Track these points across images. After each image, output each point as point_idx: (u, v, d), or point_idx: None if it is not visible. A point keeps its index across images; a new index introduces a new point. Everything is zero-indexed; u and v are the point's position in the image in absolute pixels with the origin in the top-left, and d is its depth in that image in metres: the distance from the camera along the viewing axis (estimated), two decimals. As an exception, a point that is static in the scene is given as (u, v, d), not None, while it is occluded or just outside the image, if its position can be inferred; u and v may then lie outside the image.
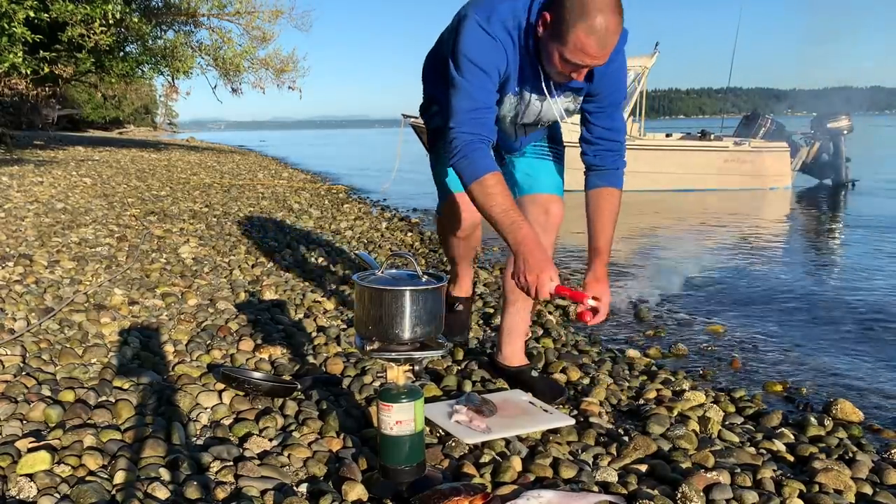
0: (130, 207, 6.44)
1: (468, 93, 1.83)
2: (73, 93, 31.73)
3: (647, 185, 12.71)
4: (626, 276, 5.03)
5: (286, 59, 17.80)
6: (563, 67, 1.79)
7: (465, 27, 1.83)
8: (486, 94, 1.85)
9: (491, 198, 1.82)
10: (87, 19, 11.53)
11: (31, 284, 3.31)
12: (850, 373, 2.90)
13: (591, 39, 1.69)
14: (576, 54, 1.73)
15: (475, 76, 1.82)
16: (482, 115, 1.84)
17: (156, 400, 2.09)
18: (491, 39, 1.82)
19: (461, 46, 1.83)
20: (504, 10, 1.84)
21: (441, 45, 2.10)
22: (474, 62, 1.82)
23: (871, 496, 1.71)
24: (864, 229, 7.95)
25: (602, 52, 1.72)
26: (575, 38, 1.70)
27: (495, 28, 1.82)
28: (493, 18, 1.82)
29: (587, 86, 1.97)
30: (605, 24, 1.68)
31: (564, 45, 1.73)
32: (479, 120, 1.84)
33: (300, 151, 29.18)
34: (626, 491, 1.67)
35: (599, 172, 2.14)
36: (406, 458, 1.57)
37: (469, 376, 2.42)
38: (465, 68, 1.82)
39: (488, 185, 1.82)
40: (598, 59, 1.74)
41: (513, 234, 1.82)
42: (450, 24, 2.04)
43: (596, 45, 1.70)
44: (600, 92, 2.01)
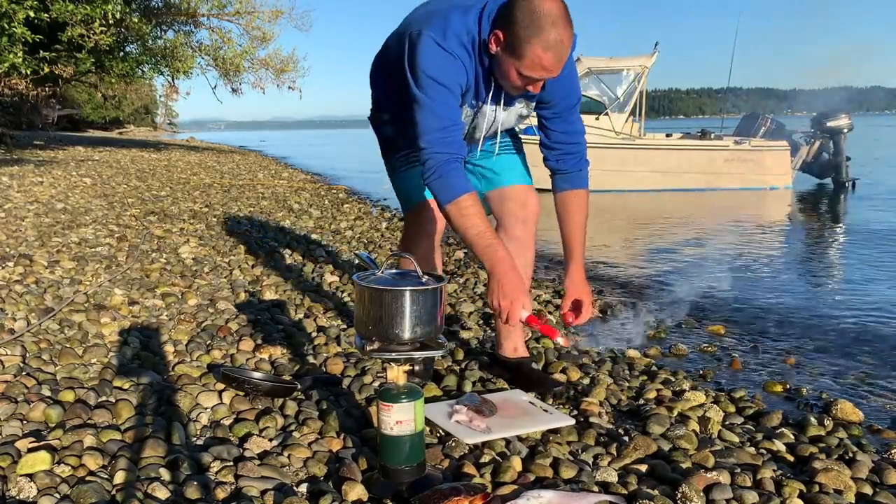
0: (130, 207, 6.44)
1: (434, 111, 1.84)
2: (73, 93, 31.73)
3: (647, 184, 12.72)
4: (627, 276, 5.04)
5: (286, 59, 17.83)
6: (520, 81, 1.82)
7: (422, 45, 1.83)
8: (451, 111, 1.87)
9: (467, 219, 1.84)
10: (87, 19, 11.54)
11: (31, 284, 3.31)
12: (850, 373, 2.90)
13: (548, 54, 1.73)
14: (533, 69, 1.77)
15: (438, 93, 1.83)
16: (450, 133, 1.86)
17: (156, 400, 2.09)
18: (449, 56, 1.84)
19: (421, 64, 1.83)
20: (457, 26, 1.85)
21: (388, 51, 2.11)
22: (436, 80, 1.83)
23: (871, 496, 1.71)
24: (864, 229, 7.95)
25: (558, 65, 1.77)
26: (531, 54, 1.74)
27: (451, 44, 1.83)
28: (448, 34, 1.84)
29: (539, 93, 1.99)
30: (559, 38, 1.72)
31: (520, 61, 1.77)
32: (448, 138, 1.85)
33: (300, 151, 29.17)
34: (626, 491, 1.67)
35: (563, 176, 2.16)
36: (406, 458, 1.57)
37: (469, 376, 2.42)
38: (428, 86, 1.83)
39: (464, 207, 1.83)
40: (554, 71, 1.78)
41: (488, 257, 1.84)
42: (396, 34, 2.05)
43: (552, 59, 1.74)
44: (553, 98, 2.06)
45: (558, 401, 2.27)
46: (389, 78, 2.07)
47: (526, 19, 1.72)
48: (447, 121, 1.85)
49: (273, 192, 9.03)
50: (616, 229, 8.29)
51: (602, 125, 12.75)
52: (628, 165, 12.73)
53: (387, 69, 2.11)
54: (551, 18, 1.71)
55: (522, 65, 1.77)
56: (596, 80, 13.12)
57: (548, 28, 1.71)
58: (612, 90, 13.06)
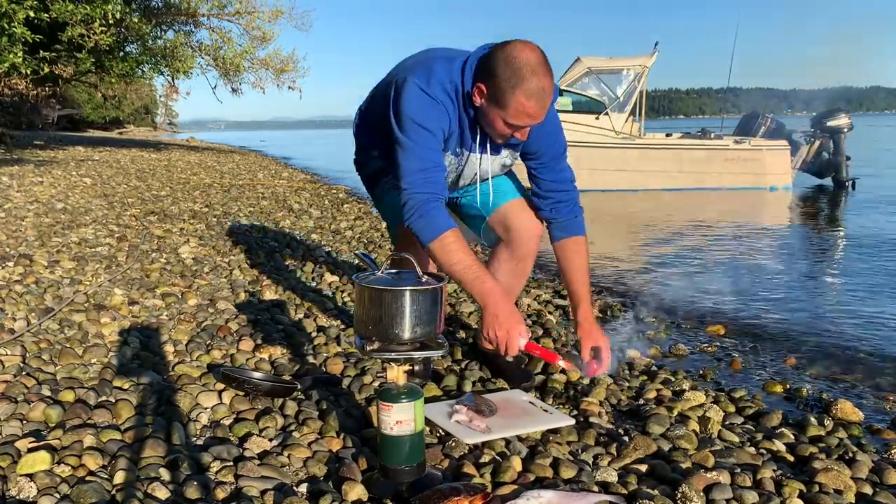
0: (130, 207, 6.44)
1: (416, 154, 1.89)
2: (73, 93, 31.73)
3: (647, 184, 12.72)
4: (627, 276, 5.03)
5: (286, 59, 17.82)
6: (507, 129, 1.89)
7: (406, 91, 1.91)
8: (433, 154, 1.92)
9: (452, 254, 1.88)
10: (87, 19, 11.54)
11: (31, 284, 3.31)
12: (850, 373, 2.90)
13: (532, 102, 1.81)
14: (519, 118, 1.85)
15: (421, 136, 1.89)
16: (432, 175, 1.91)
17: (156, 400, 2.09)
18: (433, 101, 1.91)
19: (404, 109, 1.90)
20: (441, 73, 1.93)
21: (374, 100, 2.17)
22: (419, 123, 1.89)
23: (871, 496, 1.71)
24: (864, 229, 7.95)
25: (542, 111, 1.85)
26: (516, 104, 1.81)
27: (435, 90, 1.91)
28: (432, 81, 1.91)
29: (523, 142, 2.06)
30: (540, 86, 1.80)
31: (506, 111, 1.84)
32: (429, 179, 1.89)
33: (300, 151, 29.18)
34: (626, 491, 1.66)
35: (559, 224, 2.21)
36: (406, 458, 1.57)
37: (469, 376, 2.42)
38: (411, 129, 1.89)
39: (447, 243, 1.87)
40: (539, 117, 1.86)
41: (478, 288, 1.89)
42: (383, 84, 2.11)
43: (536, 106, 1.82)
44: (539, 148, 2.13)
45: (558, 401, 2.27)
46: (374, 129, 2.14)
47: (507, 71, 1.80)
48: (428, 162, 1.90)
49: (273, 192, 9.03)
50: (616, 229, 8.29)
51: (602, 125, 12.75)
52: (628, 165, 12.74)
53: (371, 119, 2.17)
54: (531, 67, 1.79)
55: (508, 114, 1.85)
56: (596, 79, 13.13)
57: (529, 77, 1.79)
58: (612, 90, 13.07)
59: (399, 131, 1.91)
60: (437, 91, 1.91)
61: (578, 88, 13.15)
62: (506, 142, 2.02)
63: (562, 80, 13.17)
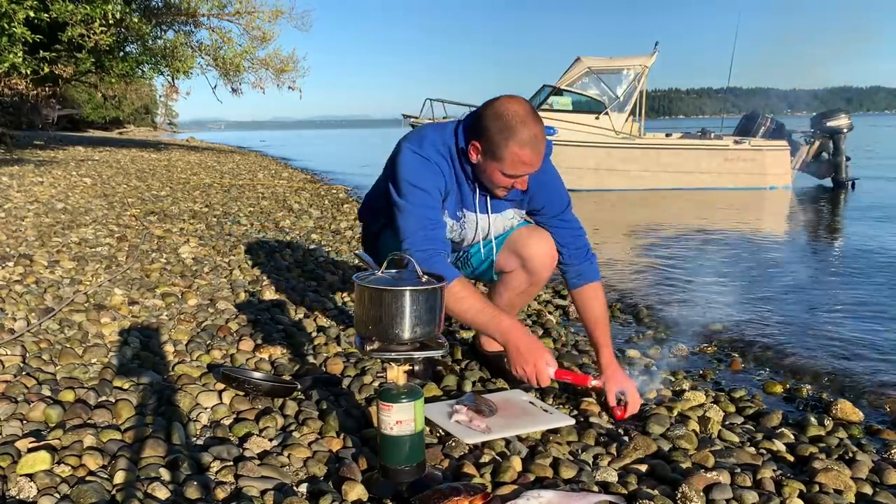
0: (130, 207, 6.44)
1: (414, 214, 1.96)
2: (73, 93, 31.74)
3: (647, 184, 12.72)
4: (626, 276, 5.03)
5: (286, 59, 17.81)
6: (505, 181, 1.97)
7: (401, 156, 2.02)
8: (432, 212, 1.99)
9: (462, 302, 1.95)
10: (87, 19, 11.54)
11: (31, 284, 3.31)
12: (850, 373, 2.90)
13: (525, 150, 1.89)
14: (516, 167, 1.92)
15: (417, 197, 1.97)
16: (432, 231, 1.97)
17: (156, 400, 2.09)
18: (426, 161, 2.00)
19: (400, 173, 1.99)
20: (434, 137, 2.04)
21: (376, 182, 2.32)
22: (414, 184, 1.97)
23: (871, 496, 1.71)
24: (864, 230, 7.95)
25: (538, 158, 1.93)
26: (510, 154, 1.90)
27: (428, 151, 2.01)
28: (424, 144, 2.02)
29: (526, 198, 2.16)
30: (532, 134, 1.89)
31: (502, 163, 1.92)
32: (429, 235, 1.96)
33: (300, 151, 29.18)
34: (626, 491, 1.66)
35: (575, 272, 2.25)
36: (406, 458, 1.57)
37: (469, 376, 2.42)
38: (407, 191, 1.97)
39: (456, 292, 1.93)
40: (535, 165, 1.94)
41: (496, 327, 1.96)
42: (384, 169, 2.20)
43: (530, 154, 1.91)
44: (543, 205, 2.21)
45: (558, 401, 2.27)
46: (376, 204, 2.26)
47: (497, 125, 1.89)
48: (427, 221, 1.97)
49: (273, 192, 9.03)
50: (616, 229, 8.29)
51: (602, 125, 12.76)
52: (629, 165, 12.74)
53: (375, 194, 2.30)
54: (520, 118, 1.88)
55: (504, 166, 1.93)
56: (596, 79, 13.13)
57: (519, 127, 1.88)
58: (612, 90, 13.07)
59: (396, 195, 1.99)
60: (431, 152, 2.01)
61: (578, 88, 13.16)
62: (506, 194, 2.07)
63: (562, 80, 13.18)
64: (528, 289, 2.35)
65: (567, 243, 2.24)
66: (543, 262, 2.25)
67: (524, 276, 2.30)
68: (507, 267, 2.31)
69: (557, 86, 13.11)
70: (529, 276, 2.29)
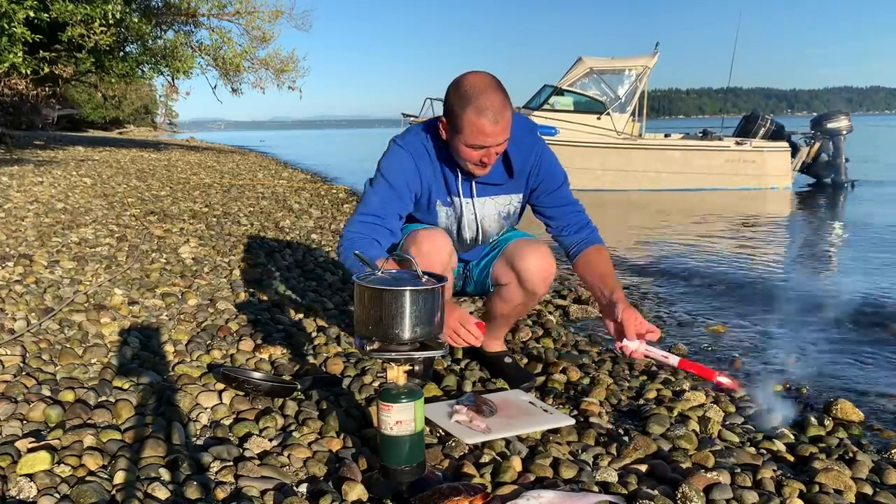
0: (130, 207, 6.43)
1: (368, 201, 2.05)
2: (73, 93, 31.71)
3: (648, 184, 12.73)
4: (627, 276, 5.03)
5: (286, 59, 17.82)
6: (471, 154, 1.96)
7: (387, 147, 2.12)
8: (383, 204, 2.03)
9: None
10: (87, 19, 11.53)
11: (31, 284, 3.31)
12: (850, 373, 2.89)
13: (482, 118, 1.88)
14: (475, 136, 1.91)
15: (380, 187, 2.05)
16: (373, 221, 2.01)
17: (156, 400, 2.09)
18: (401, 150, 2.08)
19: (379, 161, 2.10)
20: (417, 128, 2.14)
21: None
22: (384, 174, 2.06)
23: (871, 496, 1.71)
24: (864, 230, 7.95)
25: (496, 127, 1.90)
26: (468, 123, 1.89)
27: (408, 140, 2.10)
28: (407, 136, 2.12)
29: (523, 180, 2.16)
30: (489, 102, 1.87)
31: (462, 133, 1.92)
32: (367, 223, 2.01)
33: (300, 151, 29.19)
34: (626, 491, 1.66)
35: (577, 239, 2.22)
36: (406, 458, 1.57)
37: (469, 376, 2.42)
38: (376, 179, 2.08)
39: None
40: (495, 134, 1.91)
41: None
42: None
43: (488, 122, 1.88)
44: (540, 181, 2.18)
45: (558, 401, 2.27)
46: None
47: (457, 97, 1.92)
48: (374, 210, 2.02)
49: (273, 192, 9.03)
50: (616, 229, 8.28)
51: (603, 125, 12.76)
52: (630, 165, 12.75)
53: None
54: (478, 88, 1.88)
55: (465, 136, 1.93)
56: (597, 80, 13.14)
57: (477, 96, 1.87)
58: (614, 90, 13.08)
59: (369, 180, 2.11)
60: (410, 140, 2.09)
61: (580, 88, 13.17)
62: (482, 173, 2.06)
63: (563, 80, 13.18)
64: (524, 301, 2.31)
65: (569, 221, 2.21)
66: (539, 276, 2.20)
67: (519, 291, 2.26)
68: (503, 279, 2.28)
69: (559, 86, 13.12)
70: (524, 291, 2.25)
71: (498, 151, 1.99)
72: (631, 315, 1.92)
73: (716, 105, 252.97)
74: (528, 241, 2.27)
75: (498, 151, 1.99)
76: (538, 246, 2.24)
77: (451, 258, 2.25)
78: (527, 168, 2.17)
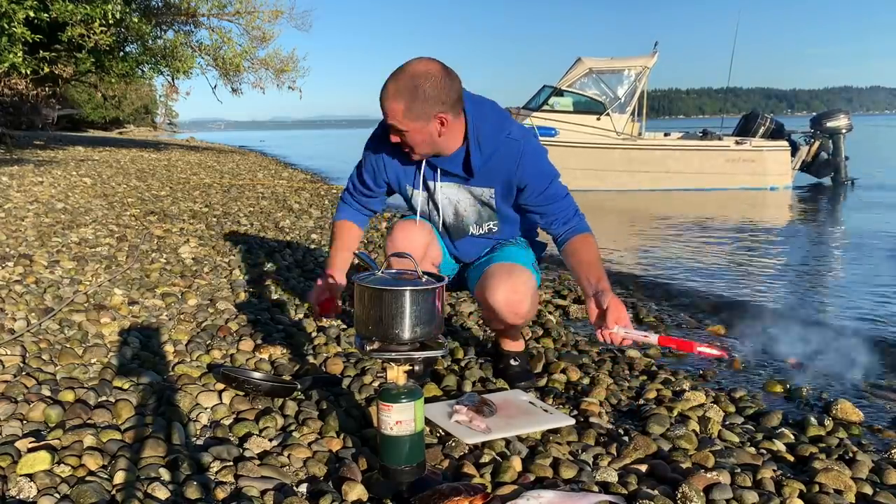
0: (130, 207, 6.43)
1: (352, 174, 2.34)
2: (73, 93, 31.70)
3: (648, 184, 12.73)
4: (626, 276, 5.03)
5: (286, 59, 17.82)
6: (394, 136, 2.02)
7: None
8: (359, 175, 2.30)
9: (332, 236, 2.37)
10: (87, 19, 11.52)
11: (31, 284, 3.31)
12: (850, 373, 2.89)
13: (381, 98, 1.95)
14: (384, 115, 1.98)
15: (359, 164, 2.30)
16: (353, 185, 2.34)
17: (156, 400, 2.09)
18: (371, 141, 2.24)
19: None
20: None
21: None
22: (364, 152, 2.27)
23: (871, 496, 1.71)
24: (863, 230, 7.95)
25: (387, 109, 1.95)
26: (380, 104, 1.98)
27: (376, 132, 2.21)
28: (378, 127, 2.20)
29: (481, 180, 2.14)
30: (388, 83, 1.94)
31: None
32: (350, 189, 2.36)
33: (300, 151, 29.18)
34: (626, 491, 1.66)
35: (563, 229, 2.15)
36: (406, 458, 1.57)
37: (469, 376, 2.42)
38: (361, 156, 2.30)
39: (335, 227, 2.37)
40: (390, 116, 1.96)
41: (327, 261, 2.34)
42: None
43: (384, 104, 1.95)
44: (526, 183, 2.12)
45: (558, 401, 2.27)
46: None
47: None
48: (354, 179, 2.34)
49: (273, 192, 9.03)
50: (616, 229, 8.28)
51: (603, 125, 12.77)
52: (630, 165, 12.75)
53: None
54: (392, 73, 1.94)
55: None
56: (596, 80, 13.14)
57: (386, 81, 1.95)
58: (613, 90, 13.08)
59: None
60: (378, 131, 2.20)
61: (579, 89, 13.17)
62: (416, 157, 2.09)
63: (563, 80, 13.19)
64: (506, 325, 2.28)
65: (557, 215, 2.14)
66: (507, 311, 2.16)
67: (497, 318, 2.25)
68: (482, 303, 2.27)
69: (558, 86, 13.12)
70: (501, 320, 2.24)
71: (409, 140, 1.99)
72: (616, 304, 1.87)
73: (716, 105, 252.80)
74: (505, 270, 2.18)
75: (409, 140, 1.99)
76: (512, 276, 2.16)
77: (430, 249, 2.27)
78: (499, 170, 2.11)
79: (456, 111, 1.99)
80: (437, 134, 1.98)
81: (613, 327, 1.84)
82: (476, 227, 2.28)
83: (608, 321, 1.85)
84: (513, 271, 2.18)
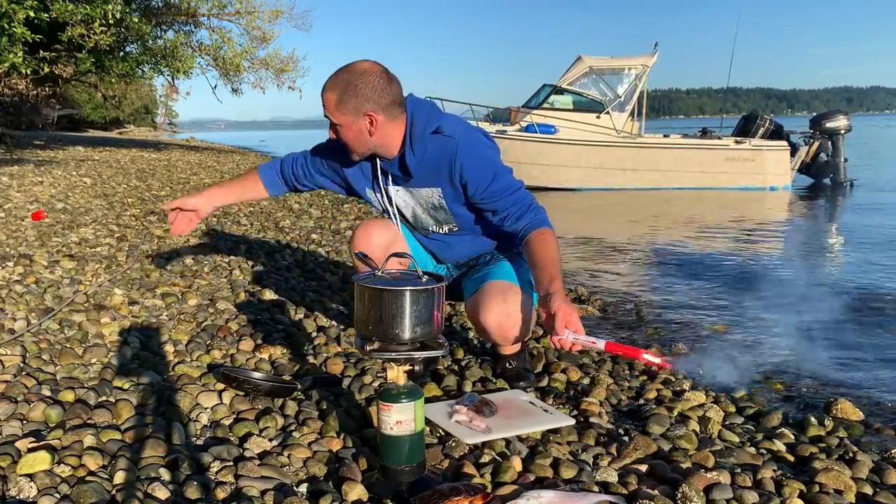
0: (130, 207, 6.43)
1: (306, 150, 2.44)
2: (73, 93, 31.69)
3: (647, 183, 12.73)
4: (626, 275, 5.03)
5: (286, 59, 17.82)
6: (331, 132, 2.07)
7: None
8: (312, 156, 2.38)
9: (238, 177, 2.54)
10: (87, 19, 11.52)
11: (31, 284, 3.31)
12: (850, 372, 2.89)
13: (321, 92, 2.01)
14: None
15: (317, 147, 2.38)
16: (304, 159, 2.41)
17: (156, 400, 2.09)
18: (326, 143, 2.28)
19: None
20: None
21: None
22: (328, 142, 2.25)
23: (871, 496, 1.71)
24: (863, 229, 7.95)
25: (322, 99, 2.01)
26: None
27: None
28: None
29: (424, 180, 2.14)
30: (326, 80, 2.00)
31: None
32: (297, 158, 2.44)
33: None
34: (626, 491, 1.66)
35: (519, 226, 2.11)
36: (406, 458, 1.57)
37: (469, 376, 2.42)
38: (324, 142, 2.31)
39: (249, 173, 2.52)
40: (324, 107, 2.02)
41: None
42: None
43: (321, 96, 2.01)
44: (466, 180, 2.09)
45: (558, 401, 2.27)
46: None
47: None
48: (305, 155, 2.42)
49: (273, 191, 9.02)
50: (616, 227, 8.29)
51: (603, 124, 12.78)
52: (629, 164, 12.76)
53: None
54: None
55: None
56: (597, 79, 13.16)
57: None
58: (613, 89, 13.10)
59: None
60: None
61: (579, 87, 13.18)
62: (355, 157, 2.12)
63: (563, 79, 13.20)
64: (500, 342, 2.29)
65: (508, 211, 2.09)
66: (497, 333, 2.15)
67: (487, 338, 2.27)
68: (473, 320, 2.26)
69: (558, 85, 13.13)
70: (491, 340, 2.26)
71: (342, 135, 2.03)
72: (565, 308, 1.84)
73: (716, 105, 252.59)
74: (500, 290, 2.13)
75: (342, 135, 2.03)
76: (507, 300, 2.11)
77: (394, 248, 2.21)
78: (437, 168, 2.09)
79: (390, 113, 1.99)
80: (368, 133, 2.00)
81: (563, 332, 1.81)
82: (437, 227, 2.27)
83: (556, 326, 1.82)
84: (507, 293, 2.12)
